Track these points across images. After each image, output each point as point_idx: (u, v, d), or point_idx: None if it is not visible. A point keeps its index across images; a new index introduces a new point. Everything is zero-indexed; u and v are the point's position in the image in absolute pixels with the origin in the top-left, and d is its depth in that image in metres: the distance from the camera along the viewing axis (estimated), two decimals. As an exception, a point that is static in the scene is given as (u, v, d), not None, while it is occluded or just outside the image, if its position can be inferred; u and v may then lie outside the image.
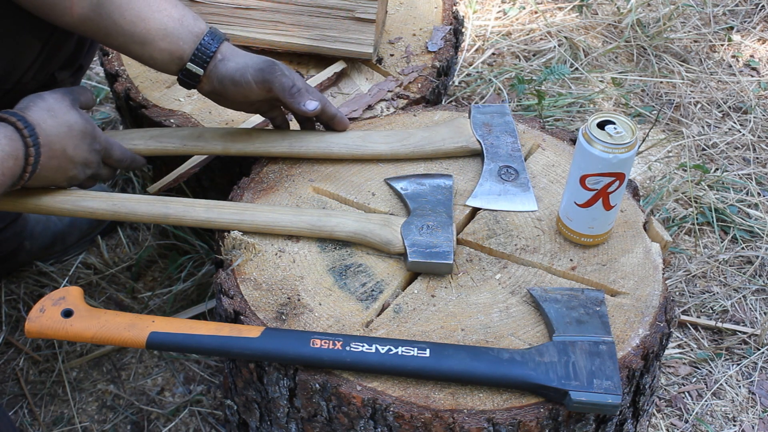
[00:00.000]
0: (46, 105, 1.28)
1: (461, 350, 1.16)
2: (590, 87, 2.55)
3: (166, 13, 1.38)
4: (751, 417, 1.84)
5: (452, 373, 1.15)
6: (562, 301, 1.24)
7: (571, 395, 1.12)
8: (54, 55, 1.59)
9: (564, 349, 1.17)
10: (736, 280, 2.09)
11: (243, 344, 1.17)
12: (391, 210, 1.41)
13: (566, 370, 1.14)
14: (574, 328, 1.20)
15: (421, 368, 1.14)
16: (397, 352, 1.15)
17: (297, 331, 1.20)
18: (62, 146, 1.28)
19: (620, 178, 1.27)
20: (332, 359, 1.15)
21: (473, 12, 2.76)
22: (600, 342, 1.18)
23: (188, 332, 1.18)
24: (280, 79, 1.38)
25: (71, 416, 1.75)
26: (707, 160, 2.39)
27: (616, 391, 1.12)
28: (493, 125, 1.52)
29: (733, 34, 2.82)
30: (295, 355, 1.16)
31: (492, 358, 1.15)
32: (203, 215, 1.36)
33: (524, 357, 1.15)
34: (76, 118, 1.29)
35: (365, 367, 1.16)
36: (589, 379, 1.13)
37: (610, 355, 1.16)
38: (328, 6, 1.67)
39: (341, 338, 1.16)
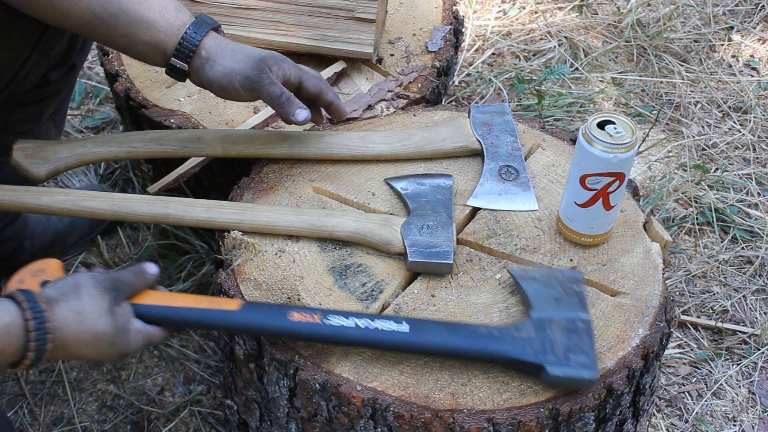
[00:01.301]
0: (79, 306, 1.09)
1: (440, 325, 1.17)
2: (590, 87, 2.55)
3: (147, 5, 1.33)
4: (751, 417, 1.84)
5: (431, 348, 1.16)
6: (541, 280, 1.24)
7: (547, 369, 1.13)
8: (46, 55, 1.58)
9: (541, 325, 1.18)
10: (736, 280, 2.09)
11: (222, 317, 1.17)
12: (391, 210, 1.41)
13: (543, 346, 1.15)
14: (552, 306, 1.20)
15: (400, 343, 1.15)
16: (376, 326, 1.15)
17: (276, 305, 1.21)
18: (80, 353, 1.11)
19: (620, 178, 1.27)
20: (310, 333, 1.15)
21: (473, 12, 2.76)
22: (577, 319, 1.19)
23: (168, 305, 1.17)
24: (268, 88, 1.35)
25: (71, 416, 1.75)
26: (707, 160, 2.39)
27: (591, 367, 1.13)
28: (493, 125, 1.52)
29: (733, 34, 2.82)
30: (273, 329, 1.17)
31: (470, 333, 1.16)
32: (203, 215, 1.36)
33: (502, 332, 1.16)
34: (106, 327, 1.10)
35: (344, 341, 1.16)
36: (565, 354, 1.14)
37: (587, 332, 1.17)
38: (328, 6, 1.67)
39: (320, 312, 1.16)
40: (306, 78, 1.40)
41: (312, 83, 1.40)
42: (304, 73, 1.40)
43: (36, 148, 1.46)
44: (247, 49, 1.37)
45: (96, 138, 1.50)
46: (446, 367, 1.18)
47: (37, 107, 1.69)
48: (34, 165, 1.45)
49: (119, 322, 1.11)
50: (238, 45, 1.38)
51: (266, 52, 1.38)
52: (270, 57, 1.37)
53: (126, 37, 1.35)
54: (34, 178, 1.45)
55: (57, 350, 1.08)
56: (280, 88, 1.35)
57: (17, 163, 1.44)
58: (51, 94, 1.70)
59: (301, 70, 1.40)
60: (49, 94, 1.69)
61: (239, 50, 1.36)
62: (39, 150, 1.46)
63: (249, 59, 1.35)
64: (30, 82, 1.61)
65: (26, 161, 1.45)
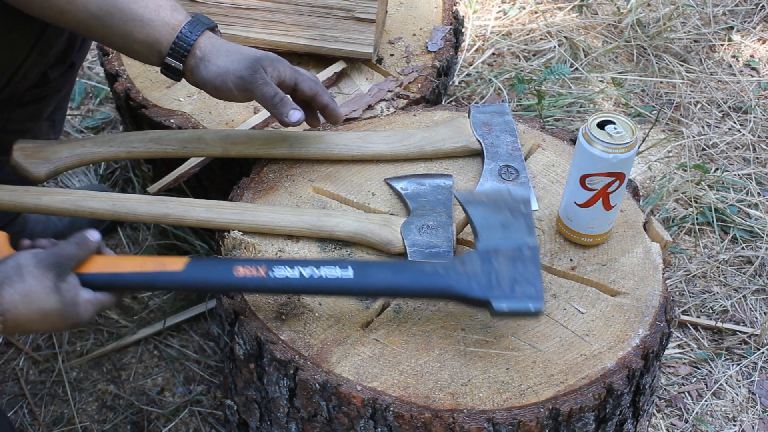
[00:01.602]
0: (23, 288, 1.10)
1: (384, 267, 1.18)
2: (590, 87, 2.55)
3: (143, 3, 1.32)
4: (751, 417, 1.84)
5: (376, 290, 1.17)
6: (488, 203, 1.23)
7: (493, 304, 1.13)
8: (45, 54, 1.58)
9: (487, 257, 1.17)
10: (736, 280, 2.09)
11: (167, 277, 1.17)
12: (391, 210, 1.41)
13: (488, 279, 1.14)
14: (499, 233, 1.19)
15: (345, 287, 1.16)
16: (321, 275, 1.15)
17: (220, 260, 1.21)
18: (33, 328, 1.14)
19: (620, 178, 1.27)
20: (256, 286, 1.16)
21: (473, 12, 2.76)
22: (524, 246, 1.18)
23: (113, 271, 1.17)
24: (261, 89, 1.33)
25: (71, 416, 1.75)
26: (707, 160, 2.39)
27: (537, 297, 1.13)
28: (493, 125, 1.52)
29: (733, 34, 2.82)
30: (218, 284, 1.17)
31: (415, 272, 1.16)
32: (203, 215, 1.36)
33: (447, 269, 1.16)
34: (54, 304, 1.12)
35: (290, 291, 1.18)
36: (511, 286, 1.14)
37: (533, 260, 1.16)
38: (328, 6, 1.67)
39: (264, 264, 1.16)
40: (302, 80, 1.39)
41: (307, 85, 1.39)
42: (299, 74, 1.39)
43: (36, 148, 1.46)
44: (243, 49, 1.36)
45: (96, 138, 1.50)
46: (446, 366, 1.19)
47: (37, 106, 1.69)
48: (34, 165, 1.45)
49: (66, 297, 1.13)
50: (233, 45, 1.36)
51: (262, 53, 1.36)
52: (265, 58, 1.35)
53: (122, 35, 1.34)
54: (34, 178, 1.45)
55: (9, 329, 1.10)
56: (274, 88, 1.34)
57: (17, 163, 1.44)
58: (50, 93, 1.70)
59: (297, 71, 1.39)
60: (48, 93, 1.69)
61: (234, 50, 1.35)
62: (39, 150, 1.46)
63: (244, 59, 1.34)
64: (29, 80, 1.61)
65: (26, 161, 1.45)
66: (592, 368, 1.19)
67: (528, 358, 1.20)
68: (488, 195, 1.25)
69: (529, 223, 1.21)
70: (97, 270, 1.17)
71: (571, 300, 1.28)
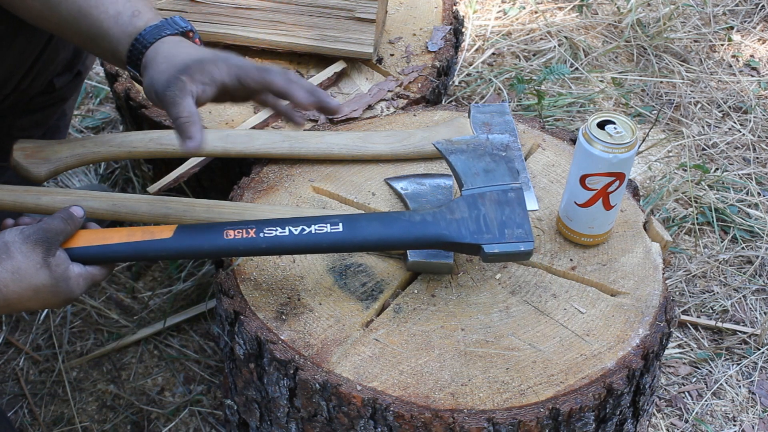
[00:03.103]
0: (12, 265, 1.09)
1: (373, 219, 1.18)
2: (590, 87, 2.55)
3: (103, 9, 1.26)
4: (751, 417, 1.84)
5: (367, 243, 1.17)
6: (468, 151, 1.24)
7: (484, 248, 1.13)
8: (52, 61, 1.58)
9: (474, 202, 1.17)
10: (736, 280, 2.09)
11: (157, 246, 1.16)
12: (391, 210, 1.41)
13: (477, 224, 1.15)
14: (482, 179, 1.20)
15: (336, 242, 1.15)
16: (310, 230, 1.15)
17: (210, 224, 1.20)
18: (25, 306, 1.12)
19: (620, 178, 1.27)
20: (247, 247, 1.15)
21: (473, 12, 2.76)
22: (508, 189, 1.19)
23: (102, 243, 1.16)
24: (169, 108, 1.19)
25: (71, 416, 1.75)
26: (707, 160, 2.39)
27: (527, 238, 1.14)
28: (493, 124, 1.52)
29: (733, 34, 2.82)
30: (209, 249, 1.16)
31: (404, 222, 1.16)
32: (203, 215, 1.36)
33: (435, 217, 1.16)
34: (44, 280, 1.10)
35: (281, 250, 1.16)
36: (500, 229, 1.15)
37: (519, 202, 1.17)
38: (329, 6, 1.67)
39: (254, 225, 1.16)
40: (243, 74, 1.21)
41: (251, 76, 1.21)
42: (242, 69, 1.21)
43: (36, 148, 1.46)
44: (179, 56, 1.22)
45: (96, 138, 1.51)
46: (446, 366, 1.19)
47: (43, 114, 1.70)
48: (34, 165, 1.45)
49: (57, 272, 1.11)
50: (175, 51, 1.23)
51: (195, 58, 1.21)
52: (195, 63, 1.20)
53: (91, 41, 1.30)
54: (34, 178, 1.45)
55: (1, 308, 1.10)
56: (182, 108, 1.17)
57: (17, 163, 1.44)
58: (56, 101, 1.70)
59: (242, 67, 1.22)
60: (55, 101, 1.69)
61: (170, 58, 1.22)
62: (39, 150, 1.46)
63: (168, 69, 1.20)
64: (35, 88, 1.61)
65: (26, 161, 1.45)
66: (592, 368, 1.19)
67: (528, 358, 1.20)
68: (467, 142, 1.25)
69: (511, 166, 1.22)
70: (86, 243, 1.16)
71: (571, 300, 1.28)
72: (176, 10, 1.68)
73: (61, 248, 1.14)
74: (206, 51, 1.24)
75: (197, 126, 1.17)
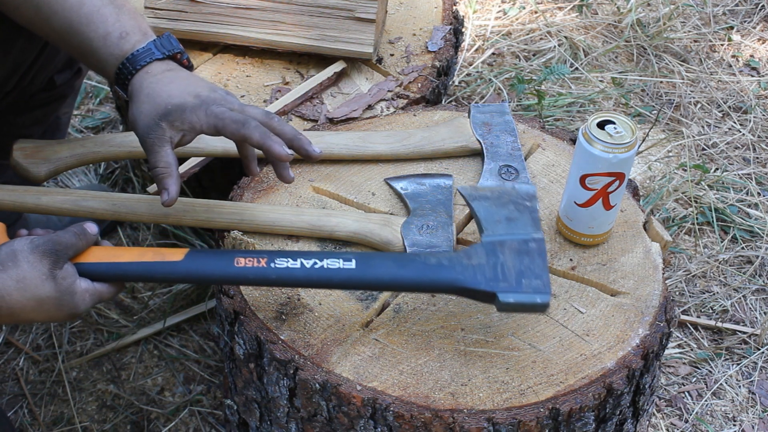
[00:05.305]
0: (18, 274, 1.07)
1: (388, 258, 1.15)
2: (590, 87, 2.55)
3: (93, 27, 1.24)
4: (751, 417, 1.84)
5: (379, 282, 1.13)
6: (492, 198, 1.20)
7: (499, 297, 1.09)
8: (52, 59, 1.59)
9: (493, 249, 1.13)
10: (736, 280, 2.09)
11: (167, 268, 1.14)
12: (391, 210, 1.41)
13: (494, 272, 1.11)
14: (504, 227, 1.16)
15: (348, 279, 1.12)
16: (322, 265, 1.12)
17: (221, 251, 1.19)
18: (29, 317, 1.10)
19: (620, 177, 1.27)
20: (257, 277, 1.13)
21: (473, 12, 2.76)
22: (529, 240, 1.15)
23: (112, 261, 1.15)
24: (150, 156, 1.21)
25: (71, 416, 1.75)
26: (707, 160, 2.39)
27: (544, 291, 1.10)
28: (493, 124, 1.52)
29: (733, 34, 2.82)
30: (219, 275, 1.15)
31: (419, 264, 1.13)
32: (203, 215, 1.36)
33: (452, 261, 1.13)
34: (49, 292, 1.08)
35: (292, 283, 1.14)
36: (517, 279, 1.10)
37: (540, 253, 1.13)
38: (328, 6, 1.67)
39: (266, 255, 1.13)
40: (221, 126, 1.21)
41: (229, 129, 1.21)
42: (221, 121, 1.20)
43: (36, 148, 1.46)
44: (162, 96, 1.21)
45: (96, 138, 1.51)
46: (446, 366, 1.19)
47: (43, 111, 1.70)
48: (34, 165, 1.45)
49: (62, 286, 1.10)
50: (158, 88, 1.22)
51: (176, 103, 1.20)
52: (176, 110, 1.20)
53: (82, 56, 1.29)
54: (34, 178, 1.45)
55: (3, 318, 1.08)
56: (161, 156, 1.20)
57: (17, 163, 1.44)
58: (57, 98, 1.70)
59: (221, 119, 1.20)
60: (55, 98, 1.69)
61: (153, 96, 1.22)
62: (39, 150, 1.46)
63: (149, 113, 1.21)
64: (36, 85, 1.61)
65: (26, 161, 1.45)
66: (592, 368, 1.19)
67: (528, 357, 1.20)
68: (492, 190, 1.23)
69: (534, 217, 1.18)
70: (96, 260, 1.15)
71: (571, 300, 1.28)
72: (176, 10, 1.68)
73: (69, 262, 1.12)
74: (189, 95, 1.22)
75: (173, 178, 1.20)
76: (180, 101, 1.21)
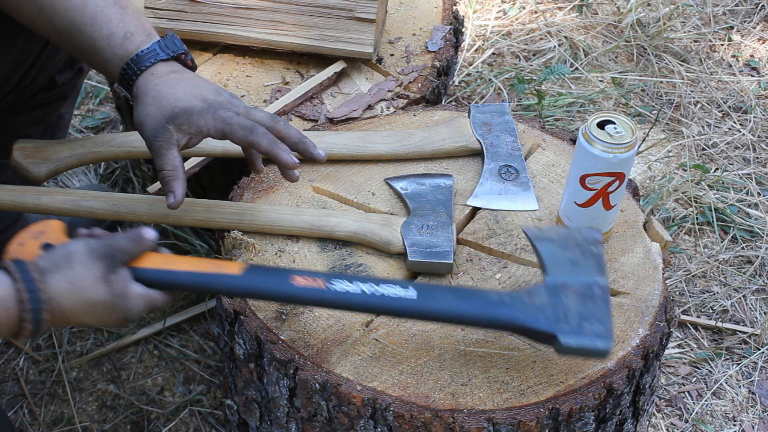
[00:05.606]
0: (72, 276, 1.06)
1: (448, 291, 1.13)
2: (590, 87, 2.55)
3: (97, 28, 1.24)
4: (751, 417, 1.84)
5: (439, 315, 1.11)
6: (557, 240, 1.18)
7: (560, 338, 1.07)
8: (53, 58, 1.58)
9: (555, 291, 1.11)
10: (736, 280, 2.09)
11: (224, 281, 1.13)
12: (391, 210, 1.41)
13: (556, 313, 1.09)
14: (568, 270, 1.14)
15: (408, 309, 1.10)
16: (382, 292, 1.10)
17: (279, 269, 1.17)
18: (81, 320, 1.09)
19: (620, 177, 1.27)
20: (314, 298, 1.11)
21: (473, 12, 2.76)
22: (594, 285, 1.12)
23: (169, 268, 1.13)
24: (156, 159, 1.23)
25: (71, 416, 1.75)
26: (707, 160, 2.39)
27: (607, 336, 1.07)
28: (493, 124, 1.52)
29: (733, 34, 2.82)
30: (277, 292, 1.12)
31: (480, 299, 1.11)
32: (203, 215, 1.36)
33: (513, 299, 1.11)
34: (102, 295, 1.07)
35: (349, 307, 1.13)
36: (579, 322, 1.08)
37: (603, 299, 1.11)
38: (328, 6, 1.67)
39: (323, 276, 1.12)
40: (228, 131, 1.23)
41: (236, 135, 1.23)
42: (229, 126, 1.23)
43: (36, 148, 1.46)
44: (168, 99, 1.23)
45: (96, 138, 1.51)
46: (446, 366, 1.18)
47: (44, 111, 1.70)
48: (34, 165, 1.45)
49: (116, 289, 1.08)
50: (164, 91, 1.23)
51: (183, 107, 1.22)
52: (183, 113, 1.22)
53: (85, 56, 1.29)
54: (34, 178, 1.45)
55: (56, 319, 1.06)
56: (168, 159, 1.22)
57: (17, 163, 1.44)
58: (58, 98, 1.70)
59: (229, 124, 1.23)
60: (55, 98, 1.69)
61: (159, 99, 1.23)
62: (39, 150, 1.46)
63: (156, 116, 1.22)
64: (37, 84, 1.61)
65: (26, 161, 1.45)
66: (592, 368, 1.19)
67: (528, 357, 1.20)
68: (557, 232, 1.21)
69: (600, 262, 1.15)
70: (152, 266, 1.13)
71: (571, 300, 1.28)
72: (176, 10, 1.68)
73: (124, 267, 1.11)
74: (195, 98, 1.23)
75: (179, 181, 1.23)
76: (187, 105, 1.22)
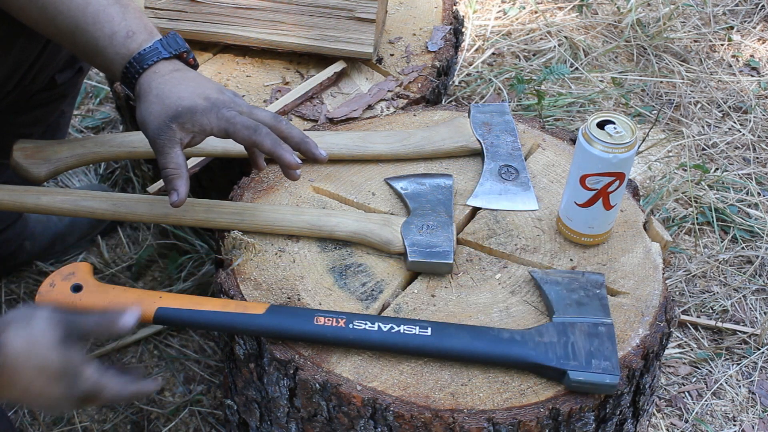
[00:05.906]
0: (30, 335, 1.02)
1: (462, 330, 1.19)
2: (590, 87, 2.55)
3: (99, 27, 1.24)
4: (751, 417, 1.84)
5: (453, 352, 1.17)
6: (563, 283, 1.25)
7: (570, 375, 1.14)
8: (53, 58, 1.58)
9: (563, 329, 1.19)
10: (736, 280, 2.09)
11: (248, 320, 1.19)
12: (391, 210, 1.41)
13: (565, 351, 1.16)
14: (574, 310, 1.21)
15: (423, 347, 1.17)
16: (399, 330, 1.17)
17: (301, 309, 1.23)
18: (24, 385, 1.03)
19: (620, 177, 1.27)
20: (335, 337, 1.17)
21: (473, 12, 2.76)
22: (599, 324, 1.20)
23: (194, 308, 1.19)
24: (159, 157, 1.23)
25: (71, 416, 1.75)
26: (707, 160, 2.39)
27: (614, 372, 1.14)
28: (493, 124, 1.52)
29: (733, 34, 2.82)
30: (298, 332, 1.19)
31: (492, 337, 1.18)
32: (203, 215, 1.36)
33: (524, 337, 1.18)
34: (54, 360, 1.02)
35: (367, 345, 1.18)
36: (587, 359, 1.15)
37: (609, 337, 1.18)
38: (329, 6, 1.67)
39: (344, 316, 1.18)
40: (232, 130, 1.23)
41: (239, 134, 1.23)
42: (232, 125, 1.23)
43: (36, 148, 1.46)
44: (172, 98, 1.22)
45: (96, 138, 1.51)
46: (446, 366, 1.18)
47: (44, 110, 1.70)
48: (34, 165, 1.45)
49: (69, 359, 1.03)
50: (167, 89, 1.23)
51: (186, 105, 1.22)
52: (186, 112, 1.22)
53: (87, 56, 1.30)
54: (34, 178, 1.45)
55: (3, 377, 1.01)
56: (171, 158, 1.22)
57: (17, 163, 1.44)
58: (58, 98, 1.70)
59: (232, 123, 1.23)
60: (56, 97, 1.69)
61: (162, 97, 1.22)
62: (39, 150, 1.46)
63: (160, 114, 1.22)
64: (38, 84, 1.61)
65: (26, 161, 1.45)
66: (592, 368, 1.19)
67: (528, 357, 1.20)
68: (563, 275, 1.27)
69: (604, 303, 1.23)
70: (179, 306, 1.19)
71: (571, 300, 1.28)
72: (176, 10, 1.68)
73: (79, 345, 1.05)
74: (198, 97, 1.23)
75: (183, 179, 1.23)
76: (190, 103, 1.22)
